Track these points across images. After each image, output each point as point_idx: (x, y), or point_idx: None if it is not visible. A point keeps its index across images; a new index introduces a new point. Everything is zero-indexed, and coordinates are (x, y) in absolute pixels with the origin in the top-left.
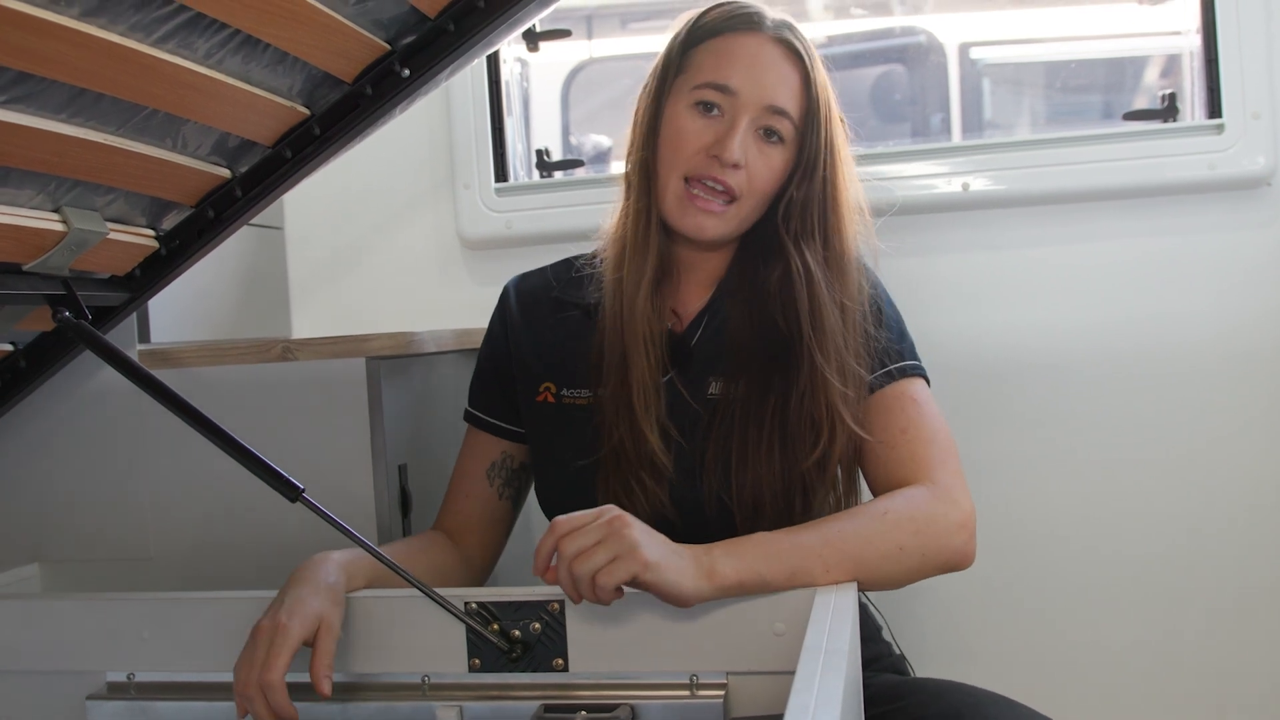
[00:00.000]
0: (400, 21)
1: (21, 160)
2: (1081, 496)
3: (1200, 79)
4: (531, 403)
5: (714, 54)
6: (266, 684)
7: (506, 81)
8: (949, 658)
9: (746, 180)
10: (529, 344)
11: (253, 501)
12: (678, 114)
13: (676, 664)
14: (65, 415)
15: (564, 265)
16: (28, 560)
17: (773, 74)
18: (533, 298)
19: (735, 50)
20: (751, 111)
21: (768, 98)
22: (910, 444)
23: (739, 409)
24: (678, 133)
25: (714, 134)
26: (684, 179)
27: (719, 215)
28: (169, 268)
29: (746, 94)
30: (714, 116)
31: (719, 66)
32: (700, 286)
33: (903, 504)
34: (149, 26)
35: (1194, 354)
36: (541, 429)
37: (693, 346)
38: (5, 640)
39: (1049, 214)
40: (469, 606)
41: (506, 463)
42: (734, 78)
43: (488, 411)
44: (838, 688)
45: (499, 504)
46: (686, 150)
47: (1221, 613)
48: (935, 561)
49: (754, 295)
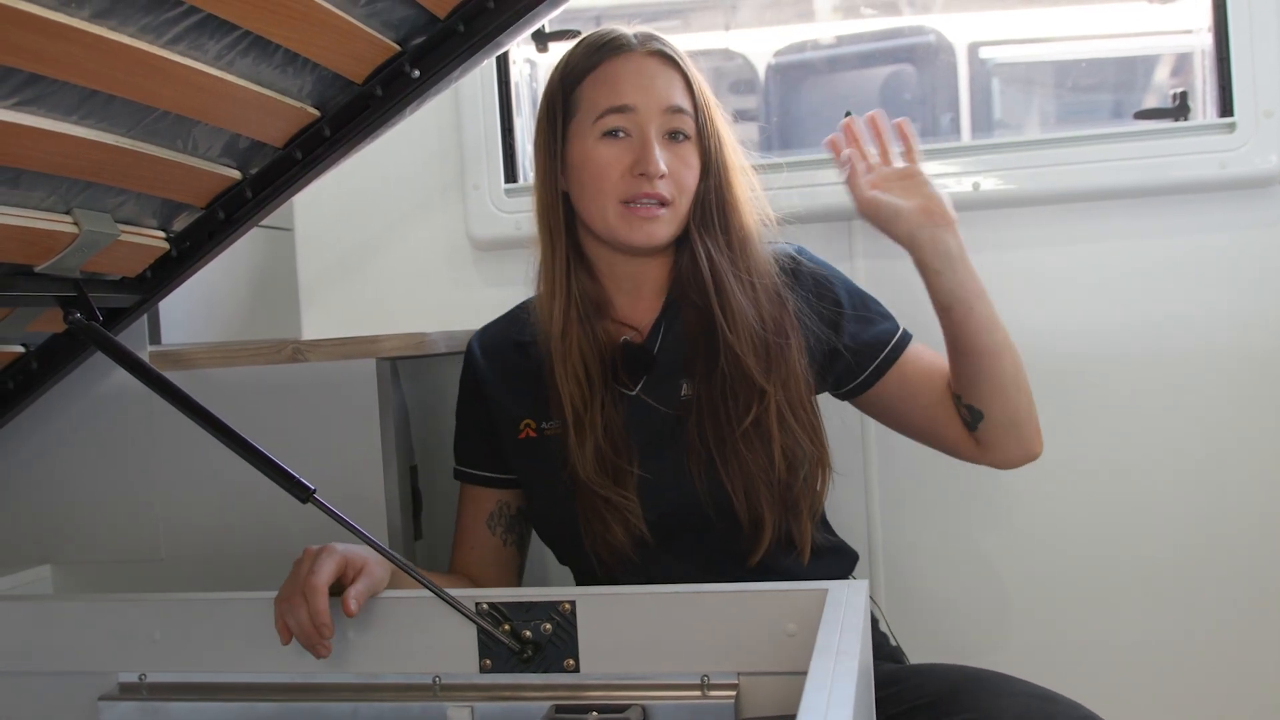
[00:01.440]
0: (410, 22)
1: (33, 162)
2: (1092, 497)
3: (1211, 77)
4: (515, 442)
5: (600, 83)
6: (310, 588)
7: (516, 82)
8: (953, 657)
9: (674, 184)
10: (502, 391)
11: (264, 503)
12: (589, 149)
13: (687, 664)
14: (77, 417)
15: (519, 309)
16: (39, 562)
17: (660, 80)
18: (495, 347)
19: (618, 72)
20: (655, 120)
21: (664, 101)
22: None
23: (706, 406)
24: (597, 165)
25: (631, 155)
26: (620, 203)
27: (661, 219)
28: (180, 269)
29: (644, 106)
30: (623, 139)
31: (610, 92)
32: (651, 297)
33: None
34: (160, 28)
35: (1206, 354)
36: (527, 464)
37: (656, 354)
38: (17, 641)
39: (1059, 214)
40: (480, 607)
41: (504, 510)
42: (627, 96)
43: (475, 466)
44: (850, 688)
45: (505, 550)
46: (611, 179)
47: (1233, 614)
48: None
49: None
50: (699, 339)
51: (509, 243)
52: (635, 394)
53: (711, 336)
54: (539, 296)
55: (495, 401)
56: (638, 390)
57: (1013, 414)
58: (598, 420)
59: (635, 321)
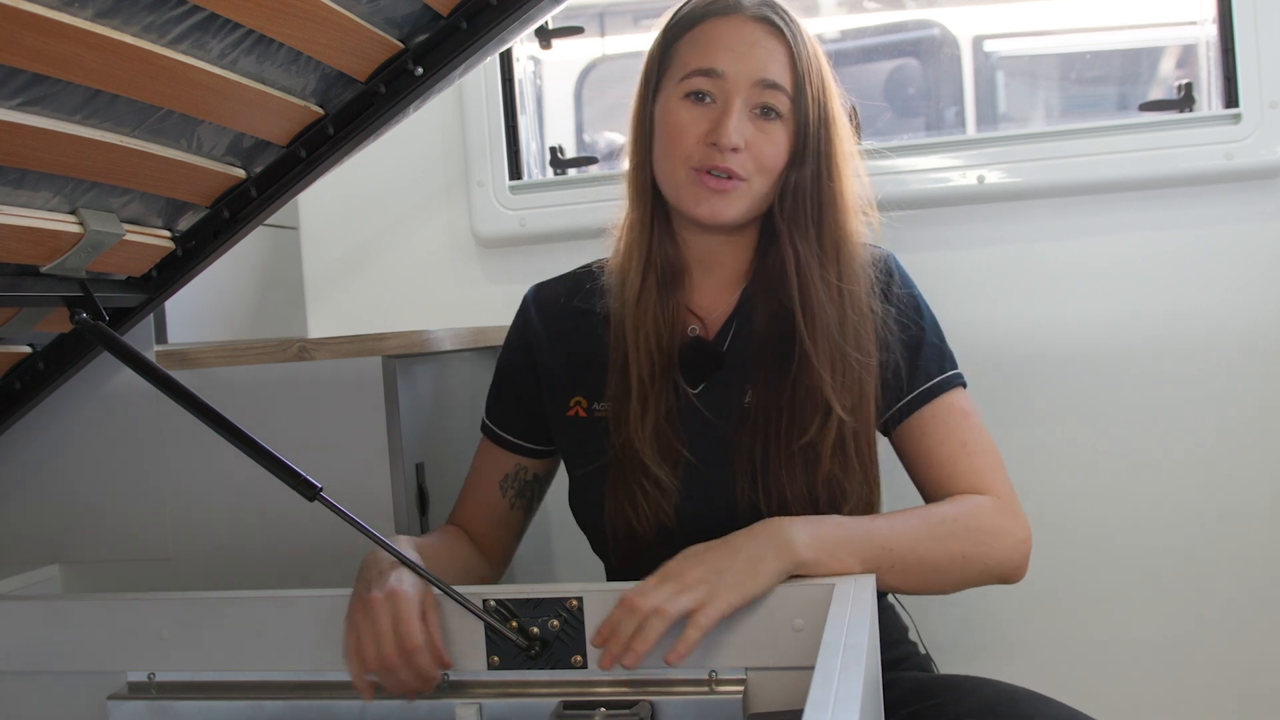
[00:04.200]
0: (413, 20)
1: (38, 162)
2: (1100, 491)
3: (1216, 69)
4: (562, 418)
5: (696, 43)
6: (412, 649)
7: (520, 79)
8: (971, 654)
9: (751, 160)
10: (554, 356)
11: (271, 501)
12: (670, 109)
13: (695, 660)
14: (83, 417)
15: (585, 273)
16: (48, 561)
17: (758, 50)
18: (554, 307)
19: (716, 35)
20: (743, 91)
21: (757, 72)
22: (970, 457)
23: (761, 414)
24: (674, 126)
25: (709, 121)
26: (691, 169)
27: (731, 194)
28: (185, 268)
29: (734, 74)
30: (707, 105)
31: (703, 53)
32: (725, 287)
33: (970, 513)
34: (163, 27)
35: (1213, 346)
36: (572, 442)
37: (724, 353)
38: (26, 641)
39: (1065, 206)
40: (488, 604)
41: (520, 475)
42: (719, 60)
43: (505, 428)
44: (857, 682)
45: (511, 513)
46: (686, 142)
47: (1244, 606)
48: (994, 573)
49: (769, 289)
50: (773, 343)
51: (514, 239)
52: (697, 392)
53: (787, 341)
54: (616, 259)
55: (546, 369)
56: (699, 389)
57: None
58: (662, 399)
59: (708, 308)
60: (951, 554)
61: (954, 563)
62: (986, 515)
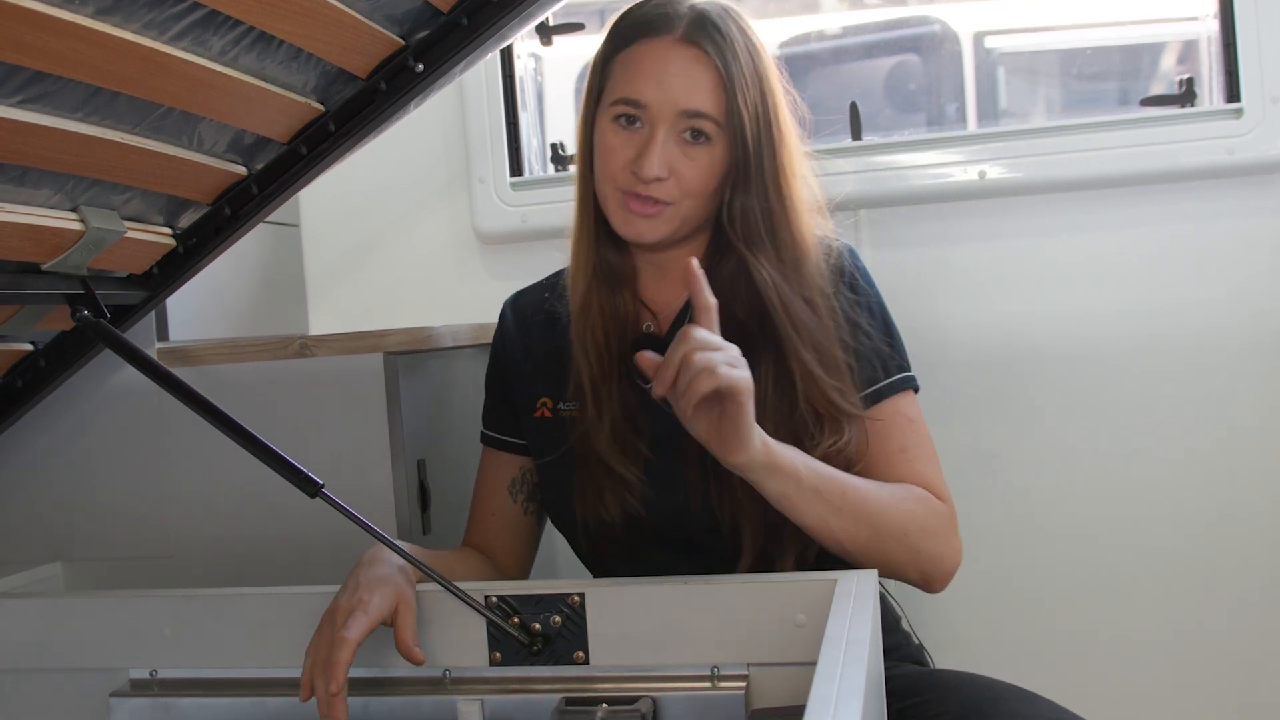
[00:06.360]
0: (414, 16)
1: (38, 160)
2: (1101, 488)
3: (1218, 63)
4: (530, 419)
5: (627, 67)
6: (339, 641)
7: (520, 76)
8: (969, 650)
9: (677, 186)
10: (526, 360)
11: (272, 498)
12: (603, 129)
13: (697, 656)
14: (85, 414)
15: (555, 277)
16: (50, 559)
17: (680, 80)
18: (527, 313)
19: (643, 60)
20: (667, 121)
21: (680, 103)
22: (911, 462)
23: None
24: (604, 148)
25: (635, 147)
26: (619, 191)
27: (656, 218)
28: (186, 266)
29: (657, 105)
30: (636, 129)
31: (630, 81)
32: (677, 284)
33: (917, 501)
34: (163, 24)
35: (1214, 342)
36: (538, 441)
37: None
38: (28, 638)
39: (1066, 202)
40: (489, 600)
41: (528, 477)
42: (644, 91)
43: (502, 430)
44: (860, 678)
45: (524, 519)
46: (614, 165)
47: (1245, 605)
48: (920, 568)
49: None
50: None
51: (515, 236)
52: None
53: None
54: (569, 267)
55: (517, 372)
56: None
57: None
58: (614, 397)
59: (662, 304)
60: (892, 529)
61: (890, 537)
62: (932, 510)
